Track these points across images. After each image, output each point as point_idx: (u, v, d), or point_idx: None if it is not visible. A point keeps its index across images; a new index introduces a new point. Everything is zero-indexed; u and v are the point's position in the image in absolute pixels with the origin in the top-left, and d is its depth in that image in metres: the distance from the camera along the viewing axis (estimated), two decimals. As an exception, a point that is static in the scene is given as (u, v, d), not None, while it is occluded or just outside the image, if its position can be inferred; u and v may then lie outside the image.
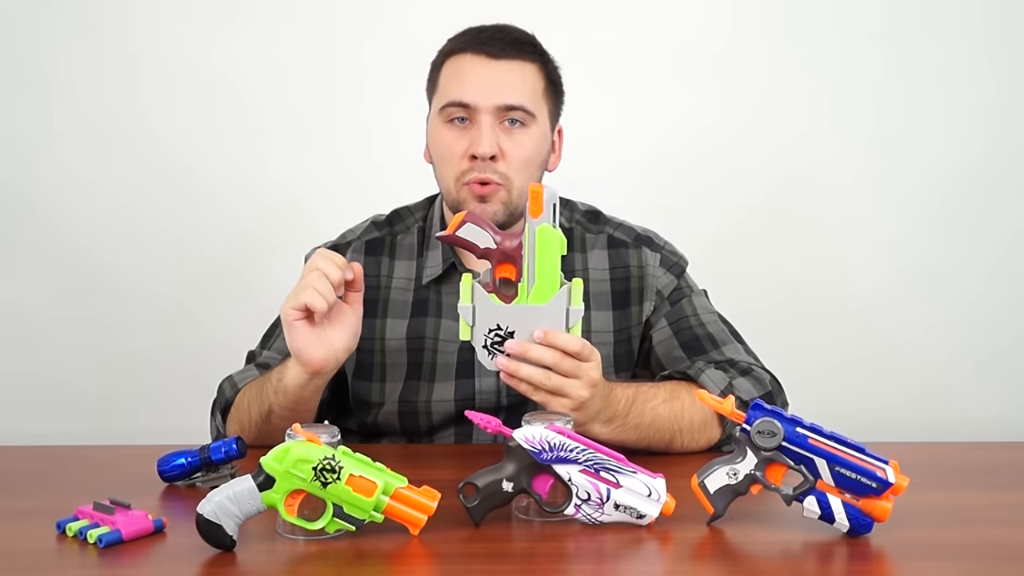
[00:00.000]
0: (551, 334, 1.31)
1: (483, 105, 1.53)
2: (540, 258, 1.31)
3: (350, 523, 1.17)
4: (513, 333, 1.32)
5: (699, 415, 1.50)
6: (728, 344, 1.61)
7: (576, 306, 1.33)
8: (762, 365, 1.61)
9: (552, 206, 1.31)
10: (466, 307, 1.33)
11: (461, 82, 1.55)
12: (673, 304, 1.64)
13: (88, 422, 2.33)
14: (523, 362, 1.32)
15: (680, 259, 1.68)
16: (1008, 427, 2.22)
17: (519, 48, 1.57)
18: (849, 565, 1.17)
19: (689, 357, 1.59)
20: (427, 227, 1.67)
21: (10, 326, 2.34)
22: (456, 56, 1.57)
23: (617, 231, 1.68)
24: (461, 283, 1.34)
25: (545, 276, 1.31)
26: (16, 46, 2.29)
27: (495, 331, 1.33)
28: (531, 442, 1.22)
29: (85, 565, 1.14)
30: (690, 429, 1.49)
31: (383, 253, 1.66)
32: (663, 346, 1.62)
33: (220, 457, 1.38)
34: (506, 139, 1.54)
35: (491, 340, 1.33)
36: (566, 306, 1.32)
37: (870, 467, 1.19)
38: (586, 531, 1.23)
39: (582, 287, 1.34)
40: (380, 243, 1.67)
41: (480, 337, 1.34)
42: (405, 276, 1.65)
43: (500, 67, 1.55)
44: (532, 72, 1.57)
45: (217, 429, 1.59)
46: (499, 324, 1.32)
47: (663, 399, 1.48)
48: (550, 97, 1.60)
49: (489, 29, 1.59)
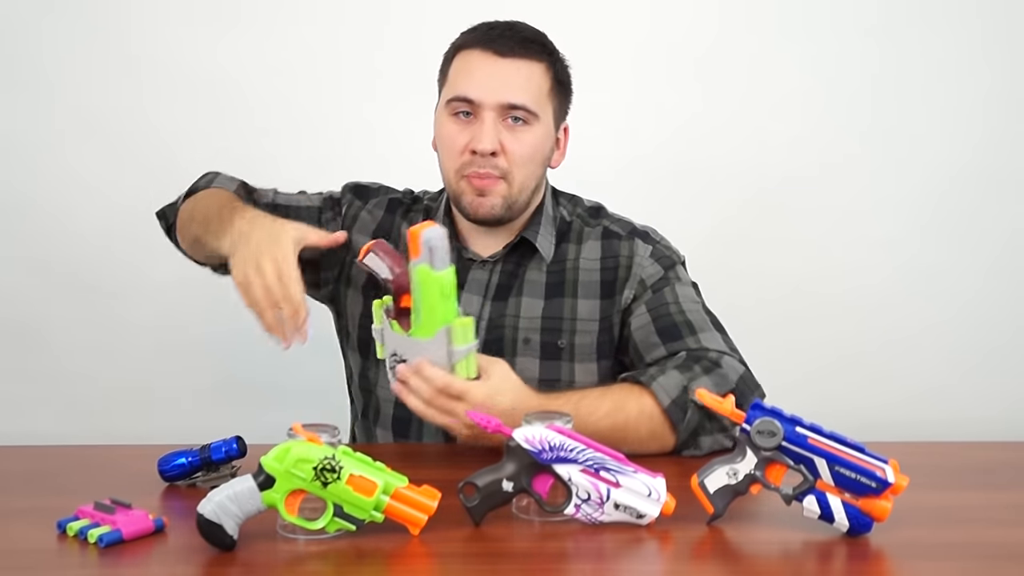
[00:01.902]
0: (420, 366, 1.37)
1: (487, 102, 1.54)
2: (419, 297, 1.36)
3: (350, 523, 1.17)
4: (406, 360, 1.39)
5: (646, 427, 1.46)
6: (705, 332, 1.58)
7: (459, 346, 1.36)
8: (738, 357, 1.56)
9: (430, 249, 1.33)
10: (377, 329, 1.43)
11: (468, 78, 1.57)
12: (655, 292, 1.62)
13: (88, 422, 2.33)
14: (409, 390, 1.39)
15: (673, 254, 1.68)
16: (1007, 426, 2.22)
17: (527, 47, 1.58)
18: (849, 565, 1.18)
19: (664, 343, 1.57)
20: (434, 212, 1.69)
21: (10, 326, 2.34)
22: (465, 51, 1.59)
23: (614, 225, 1.69)
24: (373, 307, 1.42)
25: (426, 313, 1.36)
26: (18, 47, 2.29)
27: (394, 356, 1.41)
28: (531, 442, 1.22)
29: (85, 565, 1.14)
30: (636, 441, 1.44)
31: (397, 215, 1.72)
32: (641, 332, 1.61)
33: (220, 457, 1.38)
34: (508, 135, 1.56)
35: (392, 363, 1.41)
36: (447, 346, 1.36)
37: (869, 467, 1.19)
38: (586, 531, 1.23)
39: (471, 326, 1.37)
40: (398, 205, 1.73)
41: (388, 359, 1.42)
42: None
43: (506, 65, 1.56)
44: (538, 71, 1.58)
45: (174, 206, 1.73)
46: (395, 351, 1.40)
47: (605, 412, 1.44)
48: (556, 96, 1.61)
49: (499, 26, 1.60)
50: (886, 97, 2.37)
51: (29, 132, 2.31)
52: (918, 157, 2.38)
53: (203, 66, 2.30)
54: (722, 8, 2.35)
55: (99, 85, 2.30)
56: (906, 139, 2.38)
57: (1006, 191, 2.39)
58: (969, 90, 2.36)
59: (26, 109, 2.30)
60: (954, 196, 2.39)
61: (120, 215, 2.32)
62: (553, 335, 1.63)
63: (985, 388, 2.41)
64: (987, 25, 2.36)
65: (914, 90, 2.36)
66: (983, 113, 2.37)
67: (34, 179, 2.32)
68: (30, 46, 2.29)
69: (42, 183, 2.32)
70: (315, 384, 2.17)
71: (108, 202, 2.32)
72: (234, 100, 2.33)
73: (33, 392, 2.35)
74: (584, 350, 1.63)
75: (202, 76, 2.30)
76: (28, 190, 2.32)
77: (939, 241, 2.40)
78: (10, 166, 2.31)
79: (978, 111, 2.37)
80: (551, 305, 1.63)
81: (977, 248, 2.41)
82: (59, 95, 2.30)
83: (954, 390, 2.41)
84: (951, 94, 2.37)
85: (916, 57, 2.36)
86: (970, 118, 2.37)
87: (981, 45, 2.35)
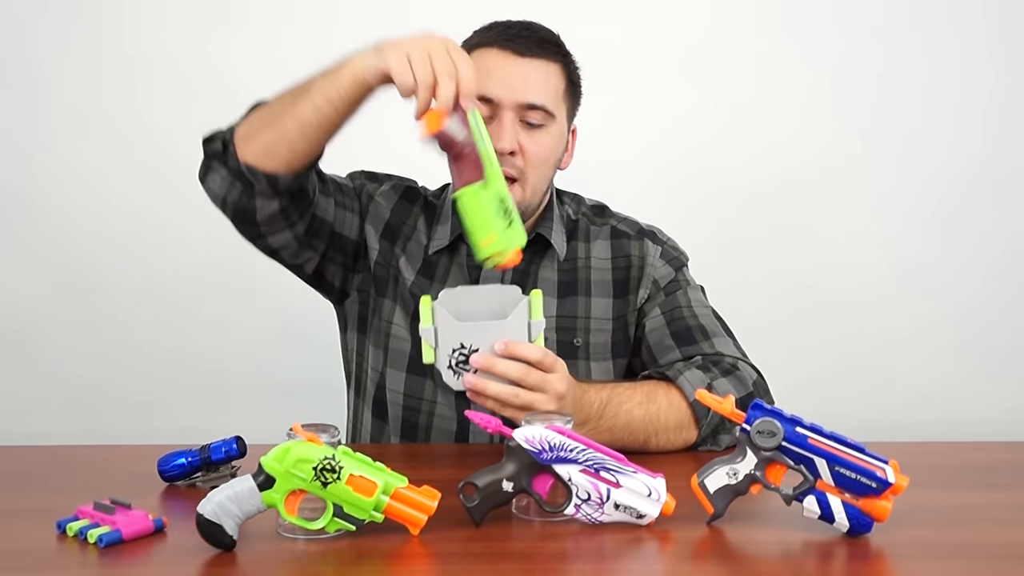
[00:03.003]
0: (511, 344, 1.32)
1: (506, 101, 1.54)
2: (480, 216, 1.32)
3: (350, 523, 1.17)
4: (477, 351, 1.33)
5: (675, 417, 1.50)
6: (718, 337, 1.62)
7: (537, 319, 1.34)
8: (750, 363, 1.61)
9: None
10: (428, 329, 1.33)
11: (486, 76, 1.54)
12: (668, 295, 1.65)
13: (88, 422, 2.33)
14: (490, 378, 1.32)
15: (681, 254, 1.70)
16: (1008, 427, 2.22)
17: (544, 47, 1.58)
18: (849, 565, 1.17)
19: (679, 347, 1.60)
20: (439, 204, 1.69)
21: (10, 326, 2.34)
22: (482, 50, 1.58)
23: (621, 224, 1.71)
24: (421, 306, 1.34)
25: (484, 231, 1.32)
26: (14, 47, 2.29)
27: (459, 350, 1.33)
28: (531, 442, 1.22)
29: (85, 565, 1.14)
30: (665, 431, 1.49)
31: (413, 202, 1.69)
32: (655, 334, 1.63)
33: (220, 457, 1.38)
34: (525, 136, 1.55)
35: (456, 359, 1.33)
36: (527, 320, 1.33)
37: (870, 467, 1.19)
38: (586, 531, 1.23)
39: (541, 299, 1.35)
40: (412, 192, 1.71)
41: (444, 358, 1.33)
42: (423, 230, 1.67)
43: (525, 65, 1.56)
44: (555, 72, 1.58)
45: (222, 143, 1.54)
46: (462, 343, 1.32)
47: (638, 401, 1.48)
48: (569, 97, 1.62)
49: (516, 26, 1.60)
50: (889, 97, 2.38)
51: (25, 132, 2.31)
52: (920, 157, 2.38)
53: (198, 66, 2.31)
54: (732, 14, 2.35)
55: (94, 84, 2.30)
56: (908, 139, 2.38)
57: (1008, 192, 2.39)
58: (973, 91, 2.37)
59: (22, 109, 2.31)
60: (956, 196, 2.39)
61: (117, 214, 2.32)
62: (568, 334, 1.63)
63: (986, 389, 2.41)
64: (991, 27, 2.36)
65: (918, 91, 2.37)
66: (986, 114, 2.37)
67: (31, 178, 2.32)
68: (25, 46, 2.29)
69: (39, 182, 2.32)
70: (315, 384, 2.17)
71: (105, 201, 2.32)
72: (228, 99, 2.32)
73: (33, 392, 2.35)
74: (599, 349, 1.64)
75: (196, 76, 2.31)
76: (25, 189, 2.32)
77: (941, 242, 2.40)
78: (6, 165, 2.32)
79: (981, 112, 2.37)
80: (565, 303, 1.64)
81: (978, 249, 2.41)
82: (54, 94, 2.30)
83: (955, 391, 2.41)
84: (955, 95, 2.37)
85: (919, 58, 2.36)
86: (973, 119, 2.37)
87: (986, 46, 2.36)
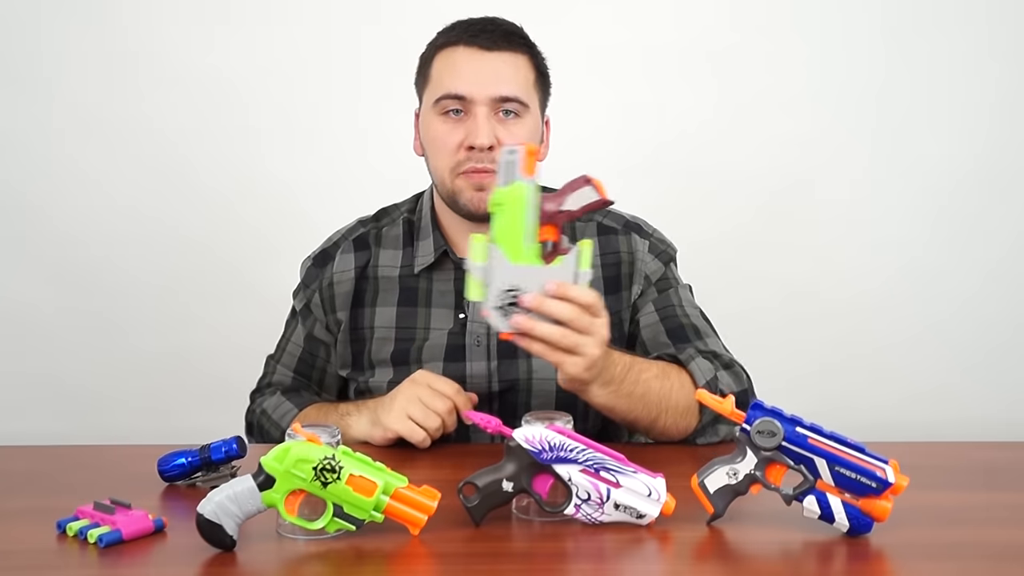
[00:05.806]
0: (564, 286, 1.30)
1: (479, 97, 1.54)
2: (523, 217, 1.30)
3: (350, 523, 1.17)
4: (527, 292, 1.30)
5: (684, 400, 1.50)
6: (710, 337, 1.64)
7: (584, 269, 1.32)
8: (740, 363, 1.62)
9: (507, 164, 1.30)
10: (479, 266, 1.30)
11: (455, 75, 1.56)
12: (660, 292, 1.66)
13: (88, 422, 2.33)
14: (538, 320, 1.30)
15: (668, 247, 1.70)
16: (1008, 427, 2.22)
17: (510, 40, 1.58)
18: (849, 565, 1.17)
19: (674, 344, 1.61)
20: (416, 219, 1.69)
21: (10, 326, 2.34)
22: (448, 49, 1.59)
23: (606, 219, 1.70)
24: (472, 243, 1.30)
25: (521, 234, 1.31)
26: (16, 45, 2.29)
27: (511, 291, 1.30)
28: (531, 442, 1.22)
29: (85, 565, 1.14)
30: (674, 411, 1.50)
31: (370, 245, 1.70)
32: (649, 330, 1.64)
33: (220, 457, 1.38)
34: (501, 129, 1.56)
35: (505, 300, 1.31)
36: (574, 269, 1.31)
37: (870, 467, 1.19)
38: (586, 531, 1.23)
39: (591, 249, 1.32)
40: (367, 237, 1.71)
41: (493, 298, 1.31)
42: (390, 264, 1.68)
43: (493, 59, 1.56)
44: (524, 63, 1.59)
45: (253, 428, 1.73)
46: (511, 285, 1.30)
47: (655, 374, 1.49)
48: (539, 87, 1.62)
49: (480, 22, 1.60)
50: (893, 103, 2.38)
51: (26, 131, 2.31)
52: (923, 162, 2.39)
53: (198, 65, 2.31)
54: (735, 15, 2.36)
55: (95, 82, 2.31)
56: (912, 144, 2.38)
57: (1011, 195, 2.40)
58: (975, 95, 2.37)
59: (24, 108, 2.31)
60: (959, 200, 2.40)
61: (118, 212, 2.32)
62: None
63: (987, 388, 2.42)
64: (995, 31, 2.36)
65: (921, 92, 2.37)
66: (989, 118, 2.37)
67: (31, 178, 2.32)
68: (27, 45, 2.29)
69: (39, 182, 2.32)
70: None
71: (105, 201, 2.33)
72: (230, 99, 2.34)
73: (33, 392, 2.35)
74: None
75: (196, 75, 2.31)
76: (25, 189, 2.32)
77: (943, 242, 2.40)
78: (8, 165, 2.32)
79: (984, 116, 2.37)
80: None
81: (979, 250, 2.41)
82: (56, 92, 2.31)
83: (956, 390, 2.41)
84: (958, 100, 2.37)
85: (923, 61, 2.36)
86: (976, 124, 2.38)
87: (988, 51, 2.36)
